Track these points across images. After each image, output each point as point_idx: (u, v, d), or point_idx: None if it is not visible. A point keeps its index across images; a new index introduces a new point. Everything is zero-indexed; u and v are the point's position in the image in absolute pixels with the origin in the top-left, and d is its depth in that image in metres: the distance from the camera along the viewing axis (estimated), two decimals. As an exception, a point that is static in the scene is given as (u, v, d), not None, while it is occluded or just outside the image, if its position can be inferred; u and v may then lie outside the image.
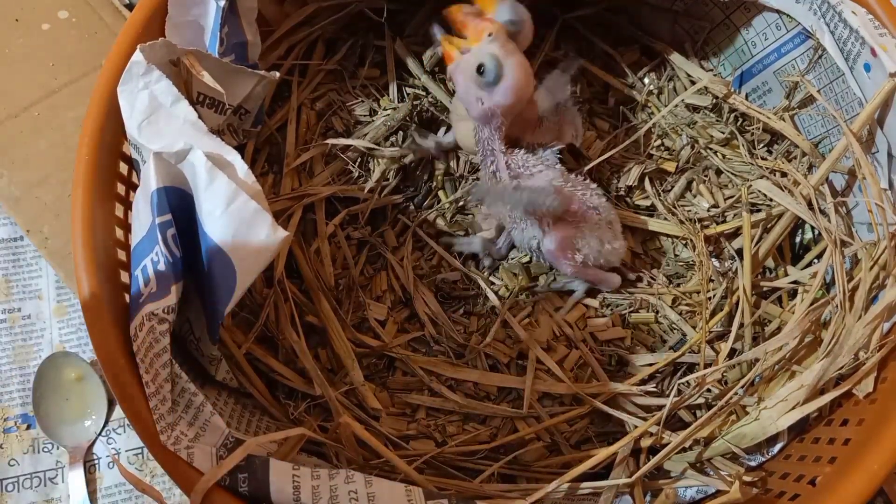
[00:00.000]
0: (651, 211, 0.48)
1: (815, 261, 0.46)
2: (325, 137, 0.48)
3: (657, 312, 0.46)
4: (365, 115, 0.49)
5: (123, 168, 0.39)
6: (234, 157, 0.33)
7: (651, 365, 0.44)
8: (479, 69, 0.39)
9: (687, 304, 0.46)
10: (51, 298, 0.52)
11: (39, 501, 0.46)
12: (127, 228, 0.39)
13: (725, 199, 0.47)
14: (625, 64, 0.52)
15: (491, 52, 0.39)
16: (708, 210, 0.47)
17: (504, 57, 0.39)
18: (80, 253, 0.36)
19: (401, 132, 0.48)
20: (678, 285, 0.47)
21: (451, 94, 0.49)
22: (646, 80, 0.52)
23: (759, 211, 0.46)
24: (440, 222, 0.48)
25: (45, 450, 0.48)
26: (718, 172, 0.48)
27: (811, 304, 0.41)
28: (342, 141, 0.46)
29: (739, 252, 0.46)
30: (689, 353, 0.44)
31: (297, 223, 0.44)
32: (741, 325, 0.43)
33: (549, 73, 0.44)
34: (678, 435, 0.38)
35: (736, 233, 0.47)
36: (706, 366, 0.42)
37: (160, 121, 0.34)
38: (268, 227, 0.31)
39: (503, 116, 0.40)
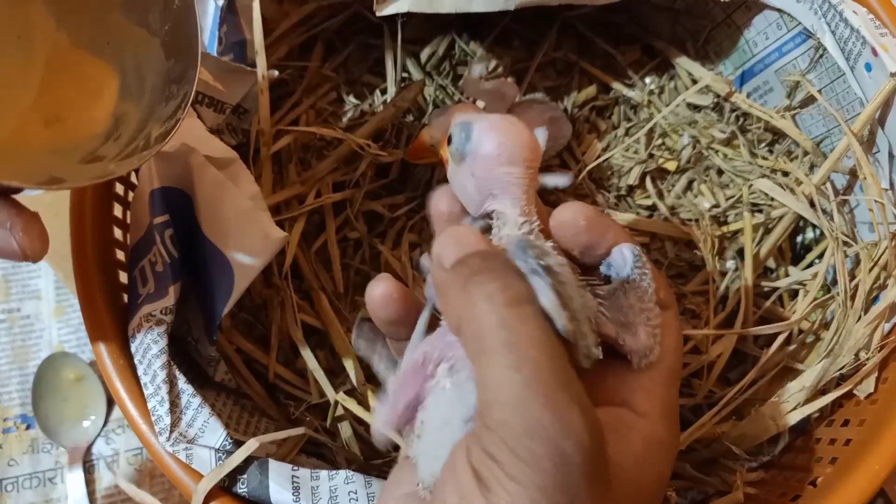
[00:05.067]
0: (652, 211, 0.48)
1: (817, 261, 0.46)
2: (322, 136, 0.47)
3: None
4: (359, 117, 0.48)
5: (122, 168, 0.39)
6: (232, 157, 0.33)
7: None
8: (449, 142, 0.28)
9: (689, 304, 0.46)
10: (50, 298, 0.52)
11: (39, 502, 0.46)
12: (125, 228, 0.39)
13: (727, 199, 0.47)
14: (625, 63, 0.51)
15: (456, 122, 0.28)
16: (709, 210, 0.47)
17: (475, 120, 0.28)
18: (79, 253, 0.36)
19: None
20: (682, 285, 0.47)
21: (451, 94, 0.49)
22: (647, 80, 0.51)
23: (760, 211, 0.46)
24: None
25: (45, 450, 0.48)
26: (720, 172, 0.48)
27: (812, 303, 0.41)
28: (334, 133, 0.46)
29: (740, 252, 0.45)
30: (691, 353, 0.44)
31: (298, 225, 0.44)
32: (743, 325, 0.43)
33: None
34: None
35: (737, 233, 0.47)
36: (708, 366, 0.42)
37: (159, 121, 0.34)
38: (265, 228, 0.31)
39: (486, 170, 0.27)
